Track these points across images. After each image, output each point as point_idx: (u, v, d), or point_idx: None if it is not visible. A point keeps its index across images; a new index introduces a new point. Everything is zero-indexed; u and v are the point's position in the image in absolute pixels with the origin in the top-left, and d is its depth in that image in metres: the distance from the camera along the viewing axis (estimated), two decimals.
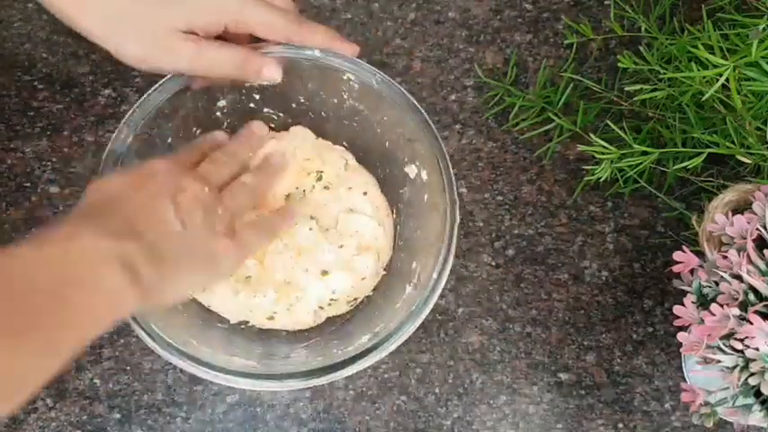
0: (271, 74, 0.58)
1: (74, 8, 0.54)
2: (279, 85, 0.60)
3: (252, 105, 0.64)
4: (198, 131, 0.63)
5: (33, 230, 0.66)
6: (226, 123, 0.64)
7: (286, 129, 0.66)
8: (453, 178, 0.57)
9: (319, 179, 0.65)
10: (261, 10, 0.56)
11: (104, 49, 0.55)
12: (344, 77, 0.60)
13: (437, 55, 0.74)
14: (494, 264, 0.68)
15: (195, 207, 0.52)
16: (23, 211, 0.67)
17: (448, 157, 0.58)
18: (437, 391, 0.65)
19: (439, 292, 0.56)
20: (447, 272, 0.56)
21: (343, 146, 0.67)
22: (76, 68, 0.71)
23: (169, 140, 0.61)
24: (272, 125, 0.66)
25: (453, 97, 0.73)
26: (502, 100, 0.72)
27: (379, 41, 0.74)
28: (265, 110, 0.65)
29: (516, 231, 0.70)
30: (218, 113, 0.64)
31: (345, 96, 0.62)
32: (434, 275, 0.56)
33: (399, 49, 0.74)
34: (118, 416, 0.63)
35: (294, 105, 0.64)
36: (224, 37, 0.57)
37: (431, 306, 0.55)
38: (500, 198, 0.70)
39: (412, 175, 0.63)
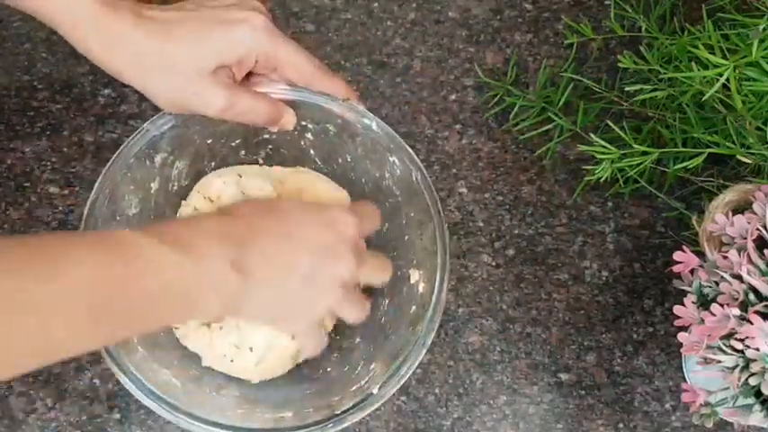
0: (292, 124, 0.59)
1: (102, 49, 0.52)
2: (331, 137, 0.61)
3: (302, 143, 0.63)
4: (237, 141, 0.63)
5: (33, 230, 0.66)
6: (268, 148, 0.64)
7: None
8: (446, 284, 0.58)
9: None
10: (292, 48, 0.56)
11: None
12: (391, 159, 0.60)
13: (437, 55, 0.74)
14: (494, 264, 0.68)
15: (343, 289, 0.53)
16: (23, 211, 0.67)
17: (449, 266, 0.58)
18: (437, 391, 0.65)
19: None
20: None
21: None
22: (76, 68, 0.71)
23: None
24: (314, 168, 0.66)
25: (453, 97, 0.73)
26: (502, 100, 0.72)
27: (379, 41, 0.74)
28: (312, 151, 0.64)
29: (516, 231, 0.69)
30: (267, 135, 0.63)
31: (387, 176, 0.61)
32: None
33: (399, 49, 0.74)
34: (118, 416, 0.62)
35: (340, 161, 0.64)
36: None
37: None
38: (500, 198, 0.70)
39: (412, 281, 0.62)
